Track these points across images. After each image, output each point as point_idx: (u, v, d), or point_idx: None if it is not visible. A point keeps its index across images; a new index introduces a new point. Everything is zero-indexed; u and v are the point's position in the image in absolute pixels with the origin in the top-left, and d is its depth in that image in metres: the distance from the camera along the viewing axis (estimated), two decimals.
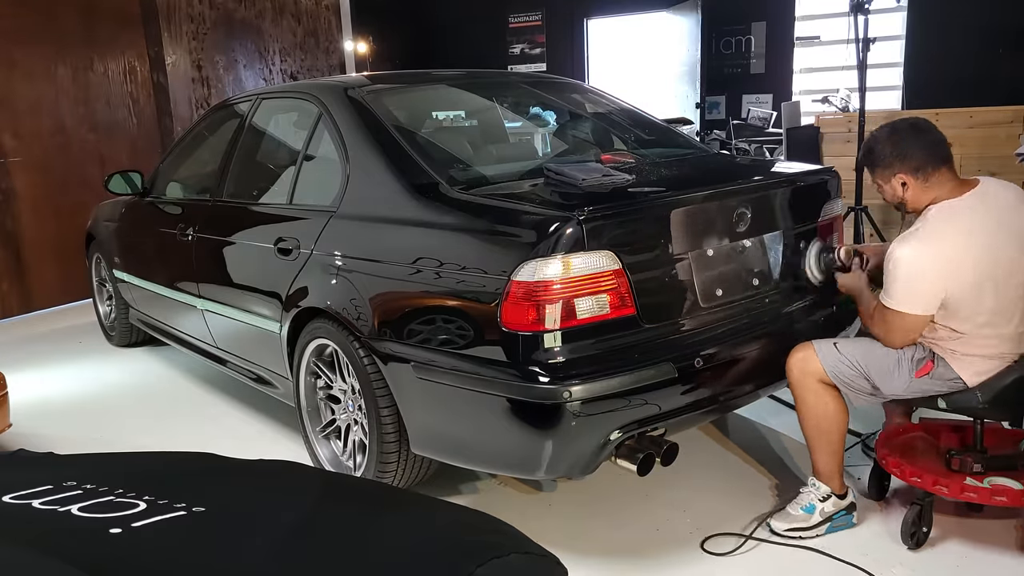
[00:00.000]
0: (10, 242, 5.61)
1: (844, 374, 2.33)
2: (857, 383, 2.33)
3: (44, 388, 4.15)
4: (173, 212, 3.81)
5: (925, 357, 2.27)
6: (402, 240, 2.46)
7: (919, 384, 2.28)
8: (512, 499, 2.73)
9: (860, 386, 2.33)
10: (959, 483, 2.26)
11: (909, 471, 2.34)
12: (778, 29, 7.83)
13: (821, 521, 2.40)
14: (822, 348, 2.37)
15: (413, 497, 1.09)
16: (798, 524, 2.41)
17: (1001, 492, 2.22)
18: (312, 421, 2.89)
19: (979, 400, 2.24)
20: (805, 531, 2.40)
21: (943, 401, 2.30)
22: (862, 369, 2.31)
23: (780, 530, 2.42)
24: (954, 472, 2.31)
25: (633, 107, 3.56)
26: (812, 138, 5.36)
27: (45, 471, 1.04)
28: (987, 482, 2.27)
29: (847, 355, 2.33)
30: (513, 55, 9.33)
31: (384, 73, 4.09)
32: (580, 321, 2.13)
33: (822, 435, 2.40)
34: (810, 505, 2.41)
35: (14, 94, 5.55)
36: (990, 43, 6.75)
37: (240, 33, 7.00)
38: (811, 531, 2.40)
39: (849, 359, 2.32)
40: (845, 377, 2.33)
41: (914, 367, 2.28)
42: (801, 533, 2.40)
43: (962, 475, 2.30)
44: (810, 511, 2.40)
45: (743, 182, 2.60)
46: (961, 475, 2.30)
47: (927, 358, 2.27)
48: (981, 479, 2.28)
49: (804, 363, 2.37)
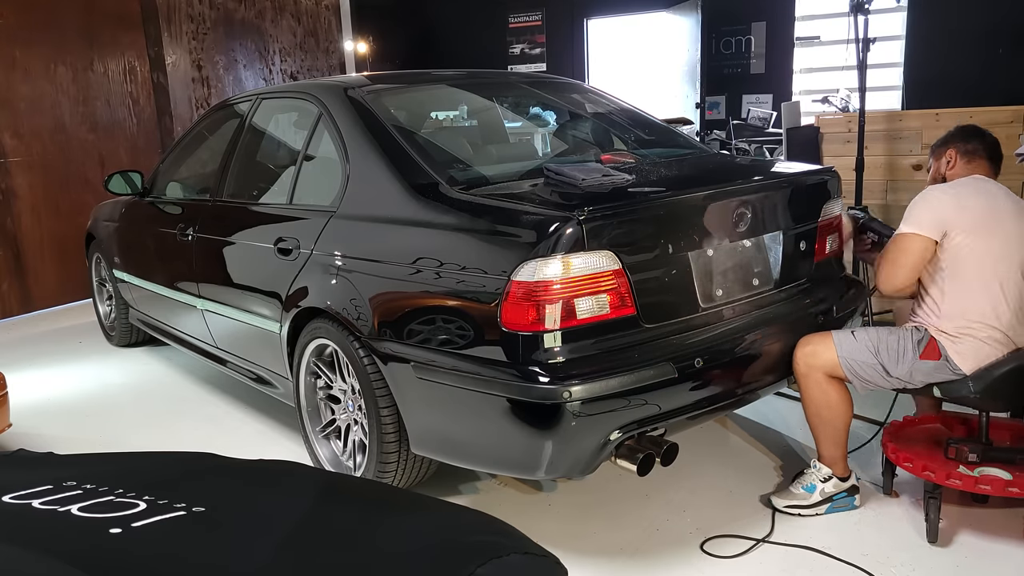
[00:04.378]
0: (10, 242, 5.61)
1: (857, 360, 2.40)
2: (868, 370, 2.40)
3: (44, 388, 4.15)
4: (173, 212, 3.81)
5: (924, 339, 2.36)
6: (402, 240, 2.46)
7: (922, 366, 2.34)
8: (512, 499, 2.73)
9: (870, 374, 2.40)
10: (948, 470, 2.31)
11: (903, 456, 2.41)
12: (778, 29, 7.83)
13: (821, 501, 2.49)
14: (839, 336, 2.45)
15: (413, 497, 1.09)
16: (798, 501, 2.51)
17: (987, 482, 2.27)
18: (312, 421, 2.89)
19: (971, 389, 2.30)
20: (804, 508, 2.50)
21: (938, 389, 2.37)
22: (873, 352, 2.39)
23: (780, 506, 2.53)
24: (949, 460, 2.36)
25: (633, 107, 3.56)
26: (812, 138, 5.35)
27: (45, 471, 1.04)
28: (977, 472, 2.31)
29: (862, 341, 2.42)
30: (513, 55, 9.33)
31: (384, 73, 4.08)
32: (580, 321, 2.13)
33: (825, 425, 2.48)
34: (811, 485, 2.51)
35: (14, 94, 5.55)
36: (990, 43, 6.75)
37: (240, 33, 7.00)
38: (810, 509, 2.49)
39: (863, 344, 2.41)
40: (857, 364, 2.40)
41: (918, 349, 2.35)
42: (800, 511, 2.50)
43: (955, 464, 2.34)
44: (810, 490, 2.50)
45: (743, 182, 2.60)
46: (954, 464, 2.34)
47: (927, 339, 2.35)
48: (972, 468, 2.32)
49: (811, 357, 2.45)
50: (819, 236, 2.74)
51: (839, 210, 2.90)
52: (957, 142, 2.53)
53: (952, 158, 2.52)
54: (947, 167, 2.53)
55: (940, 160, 2.56)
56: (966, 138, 2.53)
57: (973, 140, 2.53)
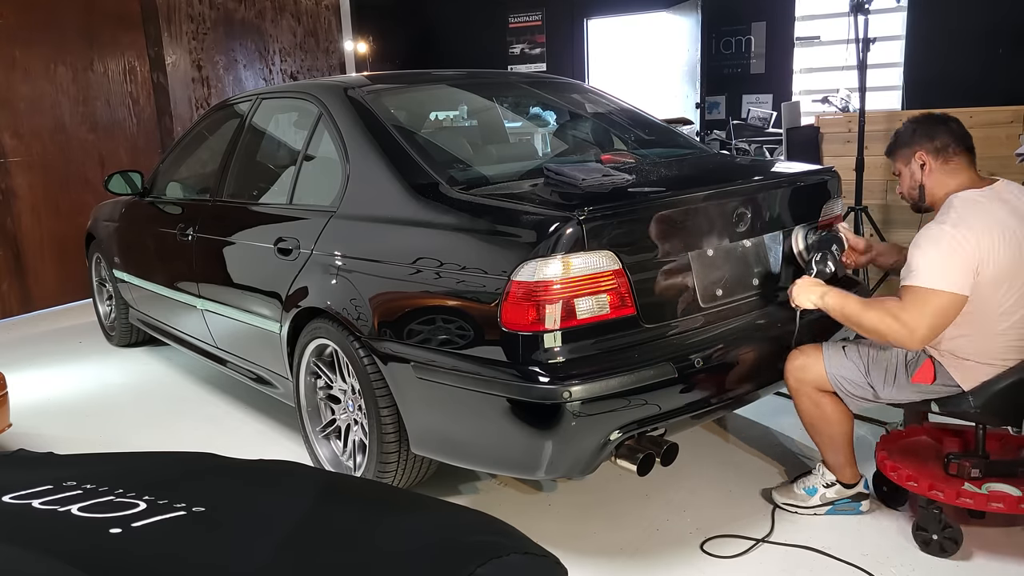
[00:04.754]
0: (10, 242, 5.61)
1: (846, 378, 2.32)
2: (856, 388, 2.32)
3: (44, 388, 4.15)
4: (173, 212, 3.81)
5: (919, 360, 2.25)
6: (402, 240, 2.46)
7: (913, 389, 2.26)
8: (512, 499, 2.73)
9: (859, 392, 2.33)
10: (956, 488, 2.21)
11: (906, 475, 2.30)
12: (778, 29, 7.83)
13: (820, 504, 2.47)
14: (829, 350, 2.36)
15: (413, 497, 1.09)
16: (796, 502, 2.50)
17: (998, 499, 2.18)
18: (312, 421, 2.89)
19: (971, 404, 2.20)
20: (802, 509, 2.49)
21: (936, 405, 2.28)
22: (863, 372, 2.30)
23: (779, 502, 2.53)
24: (952, 477, 2.26)
25: (633, 107, 3.56)
26: (812, 138, 5.35)
27: (45, 471, 1.04)
28: (985, 488, 2.22)
29: (851, 358, 2.32)
30: (513, 55, 9.33)
31: (384, 73, 4.08)
32: (580, 321, 2.13)
33: (822, 436, 2.44)
34: (812, 488, 2.48)
35: (14, 94, 5.55)
36: (990, 43, 6.75)
37: (240, 33, 7.00)
38: (808, 511, 2.48)
39: (853, 361, 2.32)
40: (846, 383, 2.32)
41: (910, 372, 2.26)
42: (797, 510, 2.49)
43: (960, 480, 2.25)
44: (811, 493, 2.48)
45: (743, 182, 2.60)
46: (959, 480, 2.25)
47: (921, 360, 2.25)
48: (979, 485, 2.23)
49: (800, 371, 2.38)
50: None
51: (839, 210, 2.90)
52: (922, 141, 2.26)
53: (924, 160, 2.25)
54: (923, 173, 2.26)
55: (909, 165, 2.29)
56: (930, 134, 2.25)
57: (939, 134, 2.24)
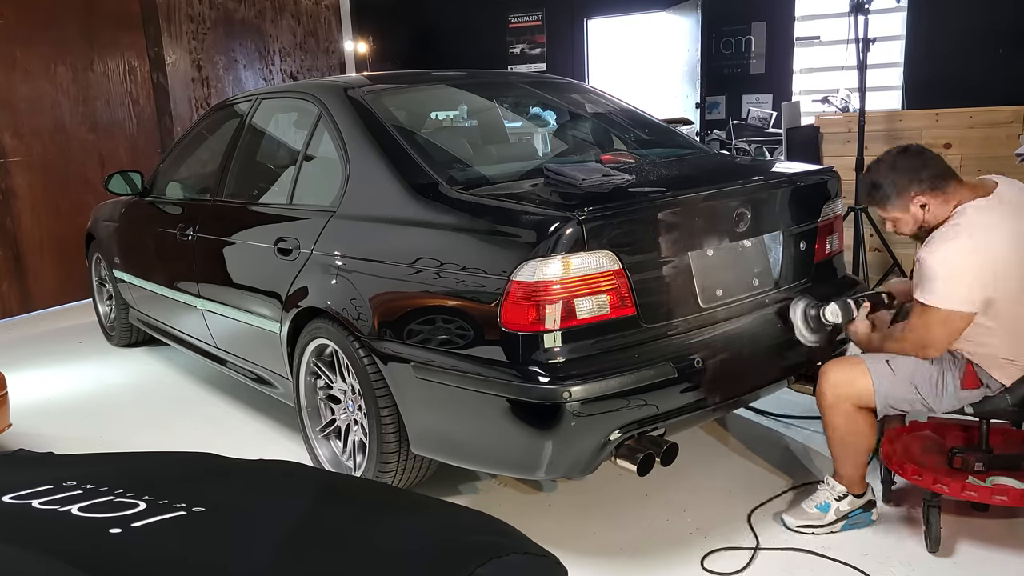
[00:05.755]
0: (10, 242, 5.61)
1: (896, 397, 2.27)
2: (905, 404, 2.28)
3: (44, 388, 4.15)
4: (173, 212, 3.81)
5: (960, 366, 2.23)
6: (402, 240, 2.46)
7: (965, 396, 2.24)
8: (512, 499, 2.73)
9: (910, 408, 2.30)
10: (960, 482, 2.24)
11: (911, 469, 2.32)
12: (778, 29, 7.83)
13: (836, 519, 2.39)
14: (876, 369, 2.28)
15: (413, 497, 1.09)
16: (812, 521, 2.41)
17: (1002, 491, 2.21)
18: (312, 421, 2.89)
19: (1008, 402, 2.22)
20: (819, 528, 2.40)
21: (971, 407, 2.27)
22: (914, 388, 2.26)
23: (793, 526, 2.43)
24: (956, 471, 2.30)
25: (633, 107, 3.56)
26: (812, 138, 5.35)
27: (45, 471, 1.04)
28: (989, 481, 2.25)
29: (900, 375, 2.26)
30: (513, 55, 9.33)
31: (384, 73, 4.08)
32: (580, 321, 2.13)
33: (849, 449, 2.38)
34: (825, 504, 2.41)
35: (14, 94, 5.55)
36: (990, 43, 6.75)
37: (240, 33, 7.00)
38: (825, 528, 2.40)
39: (902, 378, 2.26)
40: (895, 400, 2.27)
41: (957, 379, 2.23)
42: (814, 530, 2.40)
43: (964, 474, 2.28)
44: (824, 509, 2.41)
45: (743, 182, 2.60)
46: (963, 474, 2.28)
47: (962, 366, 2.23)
48: (983, 478, 2.26)
49: (842, 387, 2.31)
50: (819, 236, 2.74)
51: (839, 210, 2.90)
52: (913, 184, 2.20)
53: (924, 201, 2.20)
54: (927, 213, 2.21)
55: (909, 211, 2.23)
56: (916, 174, 2.20)
57: (924, 170, 2.21)
